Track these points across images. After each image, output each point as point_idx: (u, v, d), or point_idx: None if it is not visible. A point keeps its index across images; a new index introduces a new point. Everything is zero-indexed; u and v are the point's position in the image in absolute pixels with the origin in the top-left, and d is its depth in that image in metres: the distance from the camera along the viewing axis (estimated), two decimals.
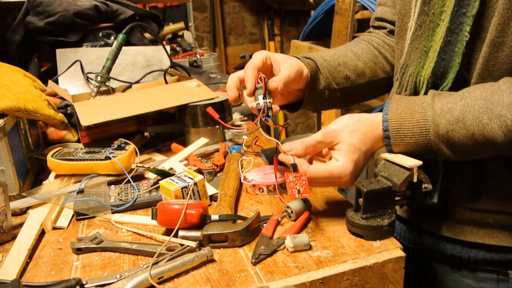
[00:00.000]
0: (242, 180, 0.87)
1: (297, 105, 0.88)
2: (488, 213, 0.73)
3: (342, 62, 0.87)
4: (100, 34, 1.48)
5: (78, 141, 1.18)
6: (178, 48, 1.99)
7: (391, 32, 0.94)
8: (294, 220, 0.74)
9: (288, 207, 0.74)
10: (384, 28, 0.96)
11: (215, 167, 0.96)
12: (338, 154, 0.71)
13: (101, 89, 1.30)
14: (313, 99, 0.85)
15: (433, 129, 0.65)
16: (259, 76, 0.75)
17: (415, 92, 0.75)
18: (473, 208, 0.74)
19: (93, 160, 0.91)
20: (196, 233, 0.68)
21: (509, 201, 0.72)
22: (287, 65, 0.78)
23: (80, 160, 0.91)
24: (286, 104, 0.87)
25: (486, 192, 0.72)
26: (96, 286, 0.60)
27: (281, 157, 0.74)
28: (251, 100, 0.76)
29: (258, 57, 0.78)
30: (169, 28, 2.11)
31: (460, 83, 0.70)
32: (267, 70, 0.80)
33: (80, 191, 0.87)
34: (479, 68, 0.67)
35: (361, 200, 0.67)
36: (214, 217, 0.70)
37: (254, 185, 0.86)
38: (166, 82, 1.33)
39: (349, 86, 0.88)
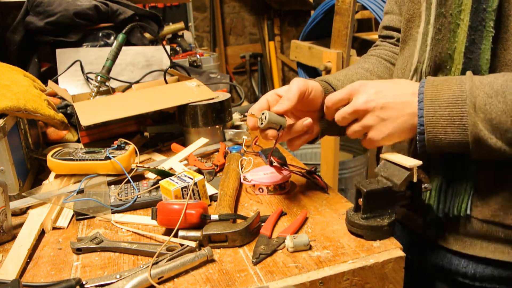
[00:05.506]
0: (242, 180, 0.87)
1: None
2: (499, 226, 0.70)
3: (356, 80, 0.84)
4: (100, 34, 1.48)
5: (78, 141, 1.18)
6: (178, 48, 1.98)
7: (399, 41, 0.90)
8: (264, 129, 0.71)
9: (263, 113, 0.71)
10: (392, 37, 0.94)
11: (215, 167, 0.96)
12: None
13: (101, 89, 1.30)
14: (332, 123, 0.77)
15: (470, 100, 0.61)
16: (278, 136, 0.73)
17: None
18: (483, 220, 0.71)
19: (93, 160, 0.91)
20: (196, 233, 0.68)
21: None
22: (288, 87, 0.75)
23: (80, 160, 0.91)
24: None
25: (497, 203, 0.69)
26: (96, 286, 0.60)
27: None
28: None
29: (262, 100, 0.75)
30: (169, 28, 2.11)
31: None
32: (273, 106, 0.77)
33: (80, 191, 0.87)
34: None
35: (361, 200, 0.67)
36: (214, 217, 0.70)
37: (254, 185, 0.86)
38: (166, 82, 1.33)
39: None
